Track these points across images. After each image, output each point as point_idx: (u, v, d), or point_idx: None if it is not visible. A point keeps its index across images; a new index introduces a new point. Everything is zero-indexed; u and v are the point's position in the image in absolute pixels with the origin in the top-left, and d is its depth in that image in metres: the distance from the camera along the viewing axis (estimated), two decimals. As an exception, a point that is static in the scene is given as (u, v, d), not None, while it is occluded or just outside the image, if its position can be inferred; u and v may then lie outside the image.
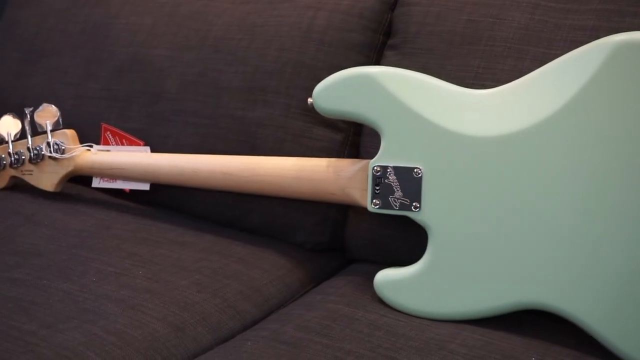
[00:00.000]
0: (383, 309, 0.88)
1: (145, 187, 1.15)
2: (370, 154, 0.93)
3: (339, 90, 0.88)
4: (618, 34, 0.79)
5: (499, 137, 0.83)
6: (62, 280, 0.91)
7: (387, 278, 0.89)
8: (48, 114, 1.18)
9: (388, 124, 0.87)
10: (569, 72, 0.80)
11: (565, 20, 0.93)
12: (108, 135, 1.20)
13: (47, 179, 1.17)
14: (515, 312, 0.84)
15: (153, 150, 1.16)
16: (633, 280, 0.77)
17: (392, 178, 0.87)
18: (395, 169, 0.87)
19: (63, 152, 1.15)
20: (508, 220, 0.82)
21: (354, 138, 1.07)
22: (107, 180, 1.18)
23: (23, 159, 1.18)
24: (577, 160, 0.79)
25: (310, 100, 0.90)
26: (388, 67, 0.90)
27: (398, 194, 0.87)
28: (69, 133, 1.16)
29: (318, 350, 0.79)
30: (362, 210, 0.98)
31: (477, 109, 0.85)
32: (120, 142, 1.19)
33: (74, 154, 1.15)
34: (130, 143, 1.18)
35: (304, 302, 0.94)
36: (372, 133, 0.99)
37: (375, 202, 0.89)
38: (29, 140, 1.17)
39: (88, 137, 1.20)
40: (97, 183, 1.19)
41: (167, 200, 1.18)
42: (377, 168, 0.88)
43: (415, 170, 0.86)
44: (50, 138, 1.16)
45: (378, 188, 0.88)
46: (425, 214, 0.86)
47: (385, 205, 0.88)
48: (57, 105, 1.19)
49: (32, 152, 1.16)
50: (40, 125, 1.17)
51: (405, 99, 0.86)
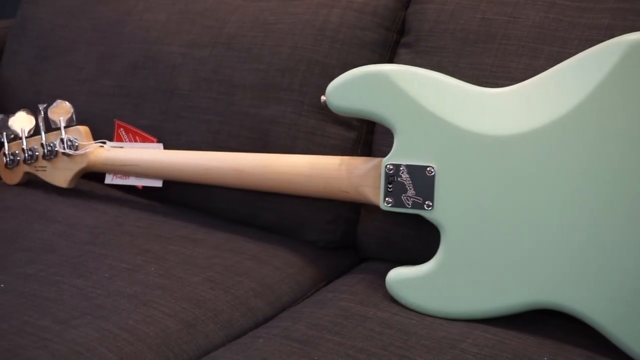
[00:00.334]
0: (395, 308, 0.88)
1: (158, 183, 1.15)
2: (383, 152, 0.93)
3: (352, 88, 0.88)
4: (633, 33, 0.78)
5: (513, 135, 0.82)
6: (75, 276, 0.91)
7: (399, 276, 0.89)
8: (62, 111, 1.19)
9: (401, 122, 0.87)
10: (584, 71, 0.80)
11: (580, 19, 0.93)
12: (121, 132, 1.21)
13: (60, 175, 1.18)
14: (527, 311, 0.84)
15: (166, 147, 1.17)
16: (647, 281, 0.77)
17: (404, 176, 0.87)
18: (408, 167, 0.87)
19: (76, 148, 1.16)
20: (522, 219, 0.82)
21: (367, 136, 1.07)
22: (120, 177, 1.18)
23: (37, 155, 1.19)
24: (591, 159, 0.79)
25: (324, 98, 0.90)
26: (401, 65, 0.90)
27: (411, 193, 0.87)
28: (83, 129, 1.17)
29: (329, 348, 0.79)
30: (374, 209, 0.97)
31: (490, 108, 0.84)
32: (134, 138, 1.19)
33: (87, 151, 1.15)
34: (143, 140, 1.18)
35: (316, 300, 0.94)
36: (385, 131, 0.98)
37: (388, 200, 0.89)
38: (43, 137, 1.17)
39: (101, 133, 1.21)
40: (110, 179, 1.20)
41: (179, 197, 1.18)
42: (389, 166, 0.88)
43: (428, 169, 0.86)
44: (64, 134, 1.16)
45: (391, 186, 0.88)
46: (438, 213, 0.86)
47: (398, 204, 0.88)
48: (70, 102, 1.20)
49: (45, 148, 1.17)
50: (54, 122, 1.18)
51: (419, 97, 0.86)
